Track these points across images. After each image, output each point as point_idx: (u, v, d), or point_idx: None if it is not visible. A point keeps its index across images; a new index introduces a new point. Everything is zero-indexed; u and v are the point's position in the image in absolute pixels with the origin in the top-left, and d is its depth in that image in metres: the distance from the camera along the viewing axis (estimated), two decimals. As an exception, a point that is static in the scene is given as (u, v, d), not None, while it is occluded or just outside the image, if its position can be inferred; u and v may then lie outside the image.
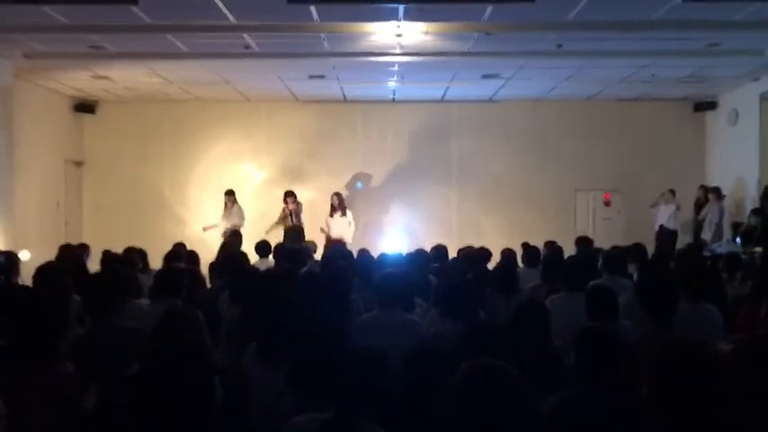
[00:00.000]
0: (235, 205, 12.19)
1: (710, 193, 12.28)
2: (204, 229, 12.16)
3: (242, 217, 12.10)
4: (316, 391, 2.98)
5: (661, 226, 12.69)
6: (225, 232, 11.60)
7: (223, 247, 9.21)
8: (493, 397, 2.05)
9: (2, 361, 3.35)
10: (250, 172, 13.91)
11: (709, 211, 12.15)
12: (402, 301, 4.57)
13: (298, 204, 12.10)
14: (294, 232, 10.41)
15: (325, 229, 11.79)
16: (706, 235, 11.93)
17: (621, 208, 13.80)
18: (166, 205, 13.60)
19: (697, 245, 8.61)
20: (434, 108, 13.88)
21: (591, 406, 2.79)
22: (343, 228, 11.74)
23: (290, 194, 12.04)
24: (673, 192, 12.83)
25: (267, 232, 11.21)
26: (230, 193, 12.21)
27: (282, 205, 12.02)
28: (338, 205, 11.89)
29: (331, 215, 11.87)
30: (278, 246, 8.25)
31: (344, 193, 12.63)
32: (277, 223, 11.85)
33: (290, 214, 11.92)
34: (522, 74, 11.15)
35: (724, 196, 12.19)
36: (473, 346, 3.32)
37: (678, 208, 12.66)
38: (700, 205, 12.74)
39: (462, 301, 4.41)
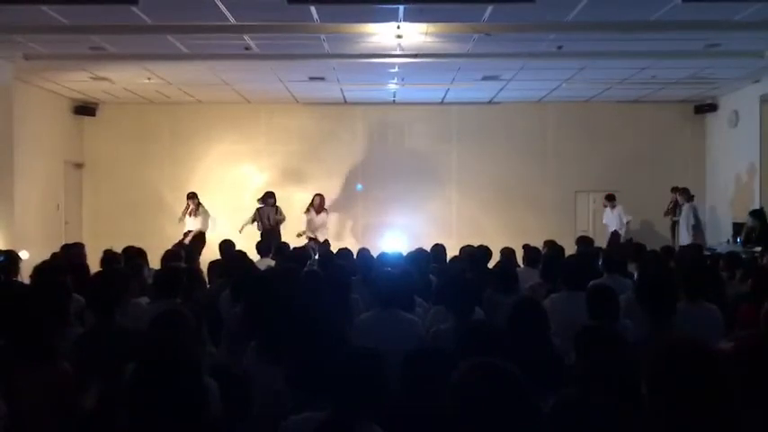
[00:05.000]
0: (200, 208, 12.36)
1: (679, 195, 12.20)
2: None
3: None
4: (315, 391, 2.97)
5: (614, 232, 12.62)
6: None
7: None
8: (493, 396, 2.04)
9: (1, 360, 3.34)
10: (250, 174, 13.91)
11: (682, 214, 12.09)
12: (401, 300, 4.56)
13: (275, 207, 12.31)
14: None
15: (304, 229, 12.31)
16: (683, 238, 11.82)
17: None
18: (166, 207, 13.58)
19: (669, 248, 8.53)
20: (435, 110, 13.89)
21: (591, 406, 2.78)
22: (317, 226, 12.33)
23: (270, 196, 12.36)
24: (609, 196, 12.82)
25: (240, 231, 11.80)
26: (194, 196, 12.39)
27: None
28: (318, 205, 12.43)
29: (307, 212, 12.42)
30: (279, 245, 8.26)
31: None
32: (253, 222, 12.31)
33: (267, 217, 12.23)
34: (522, 75, 11.15)
35: (693, 196, 12.10)
36: (473, 345, 3.31)
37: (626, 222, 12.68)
38: (674, 207, 12.71)
39: (461, 298, 4.40)
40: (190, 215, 12.34)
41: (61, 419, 3.26)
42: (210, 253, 9.63)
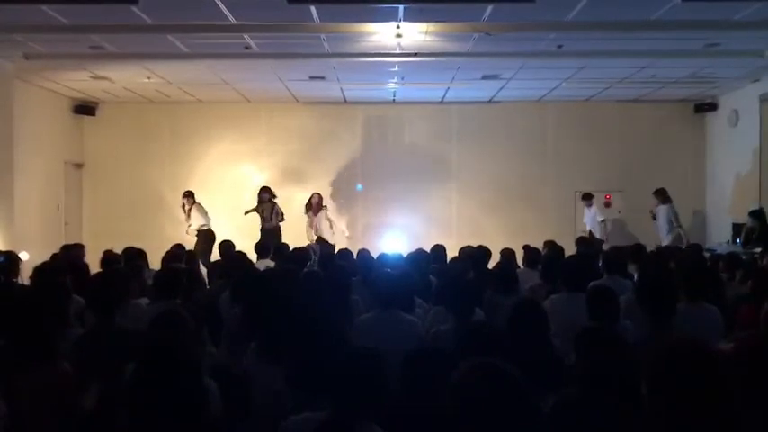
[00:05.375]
0: (195, 206, 12.40)
1: (655, 197, 12.18)
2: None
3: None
4: (315, 391, 2.97)
5: (590, 232, 12.60)
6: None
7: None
8: (492, 397, 2.04)
9: (1, 360, 3.35)
10: (250, 173, 13.90)
11: (658, 215, 12.09)
12: (401, 301, 4.56)
13: (273, 203, 12.34)
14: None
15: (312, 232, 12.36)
16: (662, 240, 11.80)
17: (621, 209, 13.78)
18: (166, 207, 13.58)
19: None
20: (435, 109, 13.88)
21: (591, 406, 2.78)
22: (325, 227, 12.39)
23: (264, 191, 12.42)
24: (585, 195, 12.79)
25: (245, 213, 12.11)
26: (189, 195, 12.42)
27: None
28: (315, 205, 12.49)
29: (314, 213, 12.48)
30: (278, 246, 8.26)
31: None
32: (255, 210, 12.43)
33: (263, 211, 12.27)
34: (521, 74, 11.14)
35: (669, 198, 12.08)
36: (473, 346, 3.31)
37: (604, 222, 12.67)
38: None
39: (461, 299, 4.40)
40: (187, 215, 12.34)
41: (61, 420, 3.26)
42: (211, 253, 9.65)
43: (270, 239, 10.16)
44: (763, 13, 7.76)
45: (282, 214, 12.37)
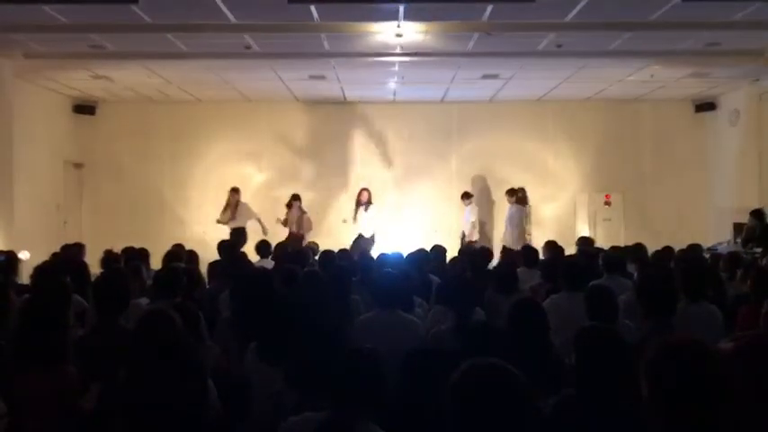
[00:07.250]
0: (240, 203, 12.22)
1: (507, 195, 12.46)
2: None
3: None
4: (315, 391, 2.97)
5: (463, 233, 12.63)
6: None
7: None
8: (492, 397, 2.04)
9: (2, 361, 3.35)
10: (250, 172, 13.90)
11: (509, 213, 12.35)
12: (401, 300, 4.55)
13: (301, 211, 12.16)
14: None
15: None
16: (506, 239, 12.05)
17: (622, 208, 13.78)
18: (166, 206, 13.59)
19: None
20: (435, 108, 13.87)
21: (590, 406, 2.79)
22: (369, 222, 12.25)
23: (295, 198, 12.18)
24: (465, 195, 12.78)
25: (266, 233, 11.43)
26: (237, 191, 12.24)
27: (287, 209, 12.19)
28: (366, 200, 12.26)
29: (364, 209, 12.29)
30: (278, 246, 8.25)
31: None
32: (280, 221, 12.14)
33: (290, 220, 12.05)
34: (522, 74, 11.15)
35: (518, 197, 12.34)
36: (473, 345, 3.31)
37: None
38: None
39: (462, 298, 4.40)
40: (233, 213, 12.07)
41: (63, 420, 3.26)
42: (211, 253, 9.63)
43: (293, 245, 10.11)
44: (763, 13, 7.77)
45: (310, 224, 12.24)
